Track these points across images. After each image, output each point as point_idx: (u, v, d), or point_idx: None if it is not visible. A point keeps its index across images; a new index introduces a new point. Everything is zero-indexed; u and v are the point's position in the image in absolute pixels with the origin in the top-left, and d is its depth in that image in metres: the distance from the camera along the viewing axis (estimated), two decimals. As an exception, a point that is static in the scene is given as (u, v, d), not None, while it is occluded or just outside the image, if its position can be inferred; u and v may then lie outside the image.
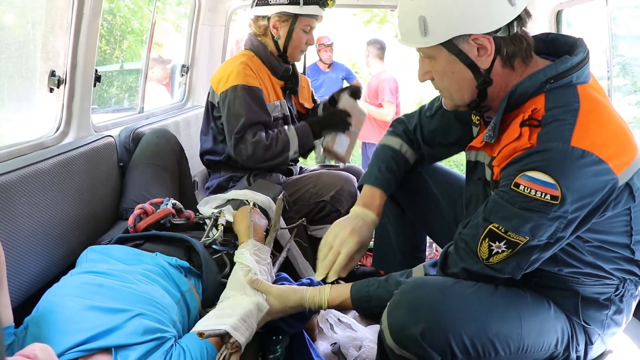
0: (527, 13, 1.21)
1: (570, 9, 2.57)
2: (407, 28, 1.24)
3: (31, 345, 0.94)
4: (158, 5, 2.85)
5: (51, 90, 1.76)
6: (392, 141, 1.65)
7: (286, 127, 2.16)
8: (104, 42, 3.74)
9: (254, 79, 2.13)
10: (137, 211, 1.62)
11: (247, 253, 1.43)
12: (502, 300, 1.19)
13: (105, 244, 1.50)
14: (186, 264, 1.42)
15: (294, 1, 2.11)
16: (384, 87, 4.64)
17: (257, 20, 2.21)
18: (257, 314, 1.27)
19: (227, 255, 1.55)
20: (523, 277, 1.19)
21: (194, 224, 1.73)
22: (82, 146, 1.77)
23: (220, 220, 1.64)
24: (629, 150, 1.12)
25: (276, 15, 2.14)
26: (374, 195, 1.56)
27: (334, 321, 1.89)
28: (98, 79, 1.93)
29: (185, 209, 1.75)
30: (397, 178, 1.62)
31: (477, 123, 1.40)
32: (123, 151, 2.06)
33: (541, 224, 1.10)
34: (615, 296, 1.23)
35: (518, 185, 1.10)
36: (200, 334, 1.10)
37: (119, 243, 1.49)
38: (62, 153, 1.65)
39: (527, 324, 1.18)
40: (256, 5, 2.17)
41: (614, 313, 1.24)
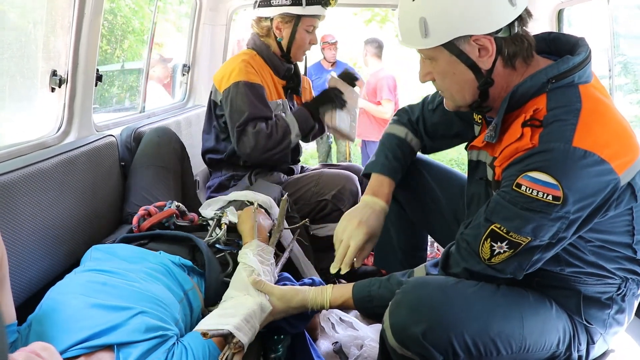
0: (528, 13, 1.21)
1: (571, 8, 2.57)
2: (407, 29, 1.24)
3: (34, 343, 0.94)
4: (159, 5, 2.85)
5: (52, 89, 1.76)
6: (397, 130, 1.66)
7: (283, 114, 2.17)
8: (105, 42, 3.74)
9: (255, 76, 2.14)
10: (141, 212, 1.63)
11: (251, 253, 1.43)
12: (504, 300, 1.19)
13: (110, 243, 1.50)
14: (189, 263, 1.43)
15: (296, 2, 2.11)
16: (382, 85, 4.66)
17: (259, 21, 2.21)
18: (260, 314, 1.27)
19: (230, 255, 1.55)
20: (525, 277, 1.19)
21: (198, 226, 1.74)
22: (84, 146, 1.77)
23: (223, 220, 1.65)
24: (631, 150, 1.12)
25: (279, 16, 2.14)
26: (382, 184, 1.56)
27: (336, 320, 1.89)
28: (99, 78, 1.93)
29: (188, 209, 1.75)
30: (403, 166, 1.62)
31: (479, 122, 1.40)
32: (124, 150, 2.06)
33: (543, 225, 1.09)
34: (617, 295, 1.23)
35: (520, 186, 1.10)
36: (204, 334, 1.10)
37: (124, 243, 1.50)
38: (64, 152, 1.65)
39: (529, 323, 1.18)
40: (258, 6, 2.17)
41: (616, 312, 1.24)
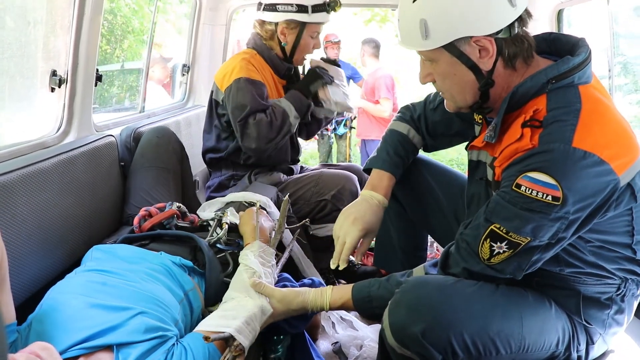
0: (527, 13, 1.21)
1: (571, 8, 2.57)
2: (408, 31, 1.24)
3: (34, 343, 0.95)
4: (159, 5, 2.85)
5: (52, 89, 1.76)
6: (400, 126, 1.67)
7: (277, 101, 2.17)
8: (105, 42, 3.75)
9: (256, 74, 2.15)
10: (142, 212, 1.63)
11: (252, 255, 1.43)
12: (503, 299, 1.19)
13: (111, 243, 1.51)
14: (190, 264, 1.43)
15: (302, 9, 2.11)
16: (380, 84, 4.69)
17: (263, 24, 2.21)
18: (261, 317, 1.28)
19: (230, 255, 1.56)
20: (524, 277, 1.19)
21: (198, 227, 1.74)
22: (83, 146, 1.77)
23: (224, 220, 1.65)
24: (630, 151, 1.12)
25: (284, 22, 2.14)
26: (381, 178, 1.57)
27: (336, 319, 1.89)
28: (99, 78, 1.93)
29: (187, 210, 1.75)
30: (405, 162, 1.63)
31: (479, 122, 1.40)
32: (124, 150, 2.06)
33: (542, 225, 1.10)
34: (617, 296, 1.24)
35: (519, 186, 1.10)
36: (206, 338, 1.11)
37: (125, 243, 1.50)
38: (64, 152, 1.65)
39: (528, 323, 1.18)
40: (264, 10, 2.16)
41: (615, 313, 1.25)
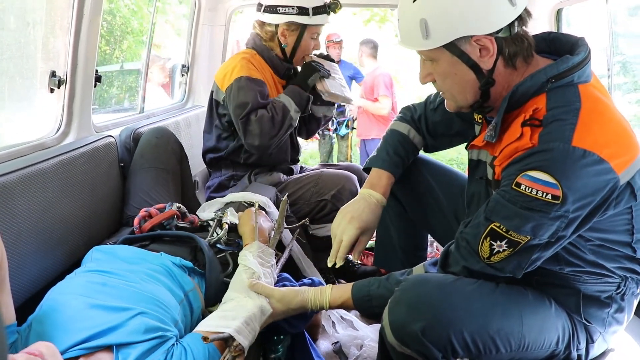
0: (527, 12, 1.21)
1: (570, 7, 2.57)
2: (408, 31, 1.24)
3: (36, 343, 0.95)
4: (158, 5, 2.85)
5: (52, 90, 1.76)
6: (400, 126, 1.67)
7: (275, 97, 2.17)
8: (104, 43, 3.75)
9: (257, 73, 2.15)
10: (142, 213, 1.63)
11: (251, 255, 1.44)
12: (503, 298, 1.20)
13: (111, 244, 1.51)
14: (190, 264, 1.43)
15: (303, 12, 2.11)
16: (379, 82, 4.72)
17: (263, 25, 2.21)
18: (260, 317, 1.28)
19: (230, 255, 1.56)
20: (524, 275, 1.19)
21: (198, 227, 1.74)
22: (83, 146, 1.77)
23: (224, 220, 1.65)
24: (630, 149, 1.12)
25: (285, 24, 2.14)
26: (380, 177, 1.58)
27: (337, 318, 1.89)
28: (98, 79, 1.93)
29: (187, 210, 1.75)
30: (405, 162, 1.63)
31: (480, 121, 1.40)
32: (124, 151, 2.06)
33: (542, 224, 1.10)
34: (617, 294, 1.24)
35: (519, 185, 1.10)
36: (205, 338, 1.11)
37: (126, 244, 1.50)
38: (63, 153, 1.65)
39: (528, 321, 1.18)
40: (264, 11, 2.16)
41: (615, 311, 1.25)
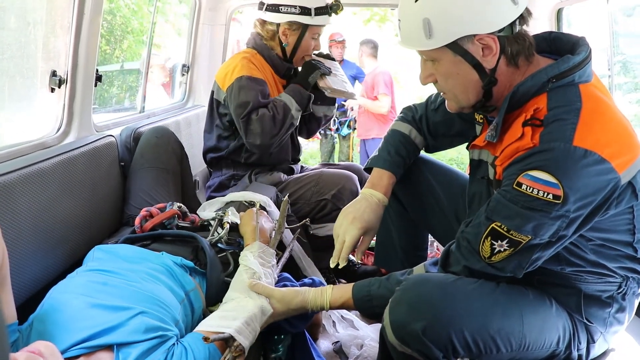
0: (528, 12, 1.21)
1: (571, 7, 2.57)
2: (410, 31, 1.23)
3: (36, 342, 0.95)
4: (158, 5, 2.85)
5: (52, 90, 1.76)
6: (401, 126, 1.67)
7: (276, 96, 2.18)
8: (104, 42, 3.74)
9: (257, 72, 2.15)
10: (143, 213, 1.63)
11: (251, 256, 1.44)
12: (504, 297, 1.20)
13: (113, 243, 1.51)
14: (191, 264, 1.43)
15: (305, 12, 2.11)
16: (379, 81, 4.74)
17: (264, 24, 2.21)
18: (261, 317, 1.28)
19: (231, 255, 1.56)
20: (525, 275, 1.19)
21: (199, 227, 1.74)
22: (84, 146, 1.77)
23: (225, 219, 1.65)
24: (631, 149, 1.12)
25: (286, 23, 2.14)
26: (381, 177, 1.58)
27: (337, 318, 1.89)
28: (99, 78, 1.93)
29: (189, 211, 1.75)
30: (406, 162, 1.63)
31: (481, 121, 1.40)
32: (124, 151, 2.06)
33: (543, 223, 1.10)
34: (618, 294, 1.24)
35: (520, 185, 1.10)
36: (205, 339, 1.11)
37: (127, 243, 1.51)
38: (64, 153, 1.65)
39: (528, 321, 1.18)
40: (266, 10, 2.16)
41: (616, 311, 1.25)
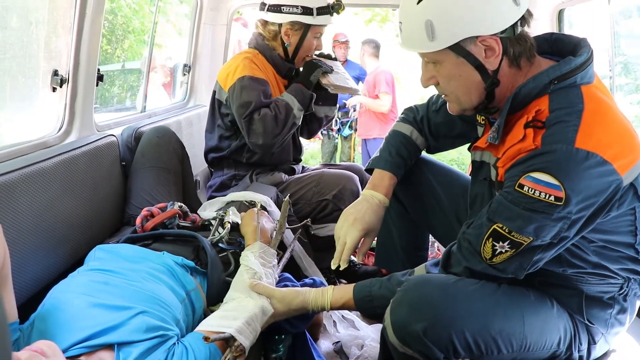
0: (529, 13, 1.21)
1: (572, 8, 2.57)
2: (412, 33, 1.23)
3: (38, 341, 0.95)
4: (159, 5, 2.85)
5: (54, 89, 1.76)
6: (403, 127, 1.67)
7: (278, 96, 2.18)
8: (105, 42, 3.75)
9: (259, 72, 2.15)
10: (144, 212, 1.63)
11: (252, 256, 1.44)
12: (505, 298, 1.20)
13: (114, 243, 1.51)
14: (192, 264, 1.43)
15: (307, 12, 2.11)
16: (380, 79, 4.77)
17: (266, 24, 2.21)
18: (261, 317, 1.28)
19: (232, 254, 1.56)
20: (526, 276, 1.19)
21: (200, 227, 1.74)
22: (85, 145, 1.77)
23: (226, 219, 1.65)
24: (633, 151, 1.12)
25: (288, 23, 2.15)
26: (382, 178, 1.58)
27: (338, 318, 1.89)
28: (100, 78, 1.93)
29: (190, 211, 1.75)
30: (407, 163, 1.63)
31: (482, 123, 1.40)
32: (125, 150, 2.06)
33: (545, 225, 1.10)
34: (619, 295, 1.24)
35: (522, 187, 1.10)
36: (206, 339, 1.11)
37: (128, 243, 1.51)
38: (65, 152, 1.65)
39: (529, 322, 1.18)
40: (268, 10, 2.16)
41: (617, 312, 1.25)
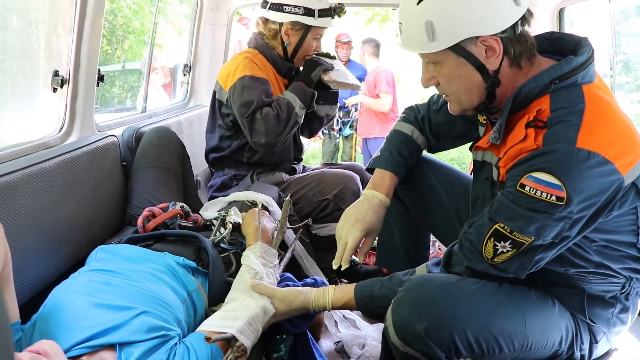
0: (529, 12, 1.21)
1: (572, 7, 2.57)
2: (412, 33, 1.23)
3: (39, 342, 0.95)
4: (159, 5, 2.85)
5: (54, 90, 1.77)
6: (404, 127, 1.67)
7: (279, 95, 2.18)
8: (106, 42, 3.75)
9: (260, 72, 2.15)
10: (146, 212, 1.64)
11: (253, 256, 1.44)
12: (507, 298, 1.20)
13: (115, 244, 1.51)
14: (193, 264, 1.43)
15: (309, 13, 2.11)
16: (381, 79, 4.78)
17: (267, 23, 2.21)
18: (263, 317, 1.28)
19: (234, 255, 1.56)
20: (528, 275, 1.19)
21: (201, 227, 1.74)
22: (86, 146, 1.77)
23: (228, 219, 1.65)
24: (634, 150, 1.12)
25: (289, 23, 2.15)
26: (383, 177, 1.58)
27: (339, 318, 1.89)
28: (101, 78, 1.93)
29: (192, 211, 1.75)
30: (408, 162, 1.63)
31: (484, 123, 1.40)
32: (126, 151, 2.06)
33: (546, 225, 1.10)
34: (621, 294, 1.24)
35: (524, 186, 1.10)
36: (207, 339, 1.11)
37: (130, 243, 1.51)
38: (66, 153, 1.65)
39: (531, 321, 1.18)
40: (269, 8, 2.16)
41: (619, 311, 1.25)
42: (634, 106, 3.62)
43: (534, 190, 1.09)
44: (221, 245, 1.58)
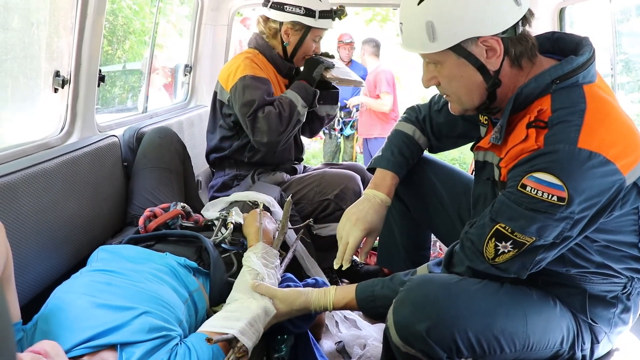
0: (530, 12, 1.21)
1: (573, 6, 2.57)
2: (412, 33, 1.23)
3: (40, 342, 0.96)
4: (160, 5, 2.85)
5: (55, 90, 1.77)
6: (405, 127, 1.67)
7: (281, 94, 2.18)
8: (106, 43, 3.75)
9: (260, 71, 2.16)
10: (147, 213, 1.64)
11: (255, 257, 1.44)
12: (508, 298, 1.20)
13: (117, 244, 1.51)
14: (194, 265, 1.43)
15: (309, 13, 2.12)
16: (381, 79, 4.78)
17: (267, 21, 2.22)
18: (264, 318, 1.28)
19: (235, 255, 1.56)
20: (529, 275, 1.19)
21: (203, 227, 1.74)
22: (87, 146, 1.77)
23: (229, 219, 1.65)
24: (636, 150, 1.12)
25: (290, 22, 2.15)
26: (384, 177, 1.58)
27: (340, 318, 1.89)
28: (102, 79, 1.93)
29: (193, 212, 1.76)
30: (409, 162, 1.63)
31: (485, 123, 1.40)
32: (127, 151, 2.06)
33: (548, 225, 1.10)
34: (623, 294, 1.24)
35: (525, 187, 1.10)
36: (209, 340, 1.11)
37: (131, 244, 1.51)
38: (67, 153, 1.65)
39: (532, 321, 1.18)
40: (271, 7, 2.17)
41: (621, 311, 1.25)
42: (634, 106, 3.62)
43: (535, 191, 1.09)
44: (222, 245, 1.58)
